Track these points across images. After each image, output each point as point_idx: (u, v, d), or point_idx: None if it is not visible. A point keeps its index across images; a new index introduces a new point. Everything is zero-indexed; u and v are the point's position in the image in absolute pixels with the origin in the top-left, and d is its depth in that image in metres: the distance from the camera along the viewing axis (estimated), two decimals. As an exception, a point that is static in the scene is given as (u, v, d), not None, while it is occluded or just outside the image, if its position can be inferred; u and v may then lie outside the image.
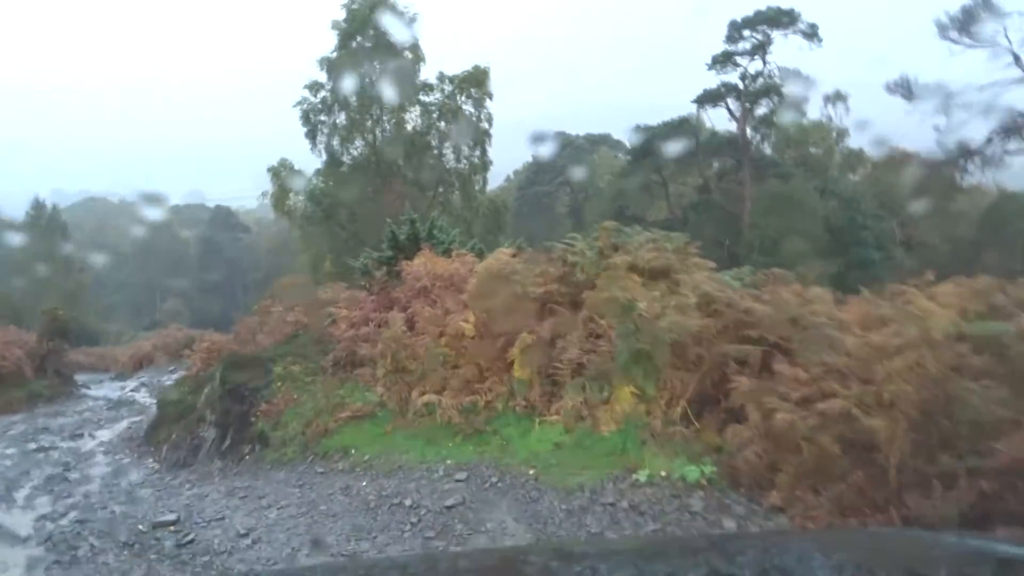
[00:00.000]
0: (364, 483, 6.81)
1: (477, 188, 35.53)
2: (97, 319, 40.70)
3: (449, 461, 6.72)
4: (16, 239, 37.98)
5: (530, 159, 49.19)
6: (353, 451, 7.46)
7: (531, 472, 6.22)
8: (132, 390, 18.83)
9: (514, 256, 8.40)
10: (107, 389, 19.28)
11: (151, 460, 9.67)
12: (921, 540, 1.90)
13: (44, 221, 40.72)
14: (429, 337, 7.72)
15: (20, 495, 8.25)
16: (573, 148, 48.52)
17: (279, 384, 9.00)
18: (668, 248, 7.89)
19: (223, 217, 72.26)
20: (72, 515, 7.38)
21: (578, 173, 47.07)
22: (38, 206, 40.76)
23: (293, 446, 8.01)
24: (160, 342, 27.14)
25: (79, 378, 20.56)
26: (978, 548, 1.58)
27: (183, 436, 9.64)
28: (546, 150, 46.06)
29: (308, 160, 31.73)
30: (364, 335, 8.88)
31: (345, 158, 32.54)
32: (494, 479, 6.28)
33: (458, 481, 6.37)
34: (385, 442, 7.52)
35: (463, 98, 35.15)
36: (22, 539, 6.85)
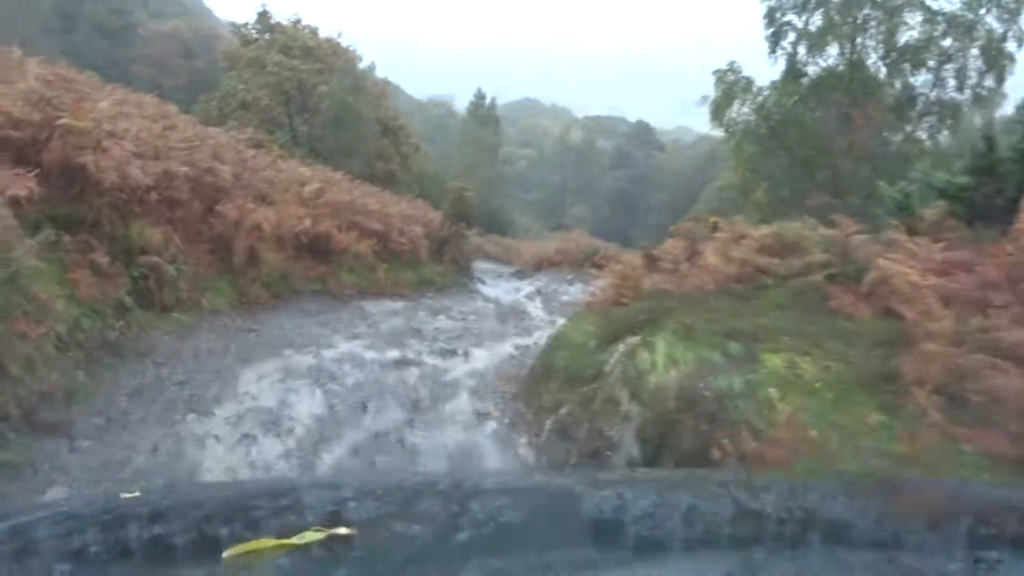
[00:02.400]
0: None
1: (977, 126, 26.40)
2: (511, 211, 41.88)
3: None
4: (457, 126, 42.20)
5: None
6: None
7: None
8: (527, 296, 16.46)
9: None
10: (501, 289, 17.23)
11: (524, 440, 6.04)
12: (946, 488, 1.78)
13: (482, 112, 44.06)
14: None
15: (328, 459, 5.12)
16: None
17: (773, 392, 4.42)
18: None
19: (642, 132, 70.61)
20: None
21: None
22: (480, 97, 44.12)
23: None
24: (563, 247, 25.47)
25: (479, 266, 19.14)
26: (1004, 497, 1.51)
27: (576, 418, 5.79)
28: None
29: (762, 71, 26.20)
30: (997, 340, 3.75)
31: (810, 69, 26.21)
32: None
33: None
34: None
35: (987, 6, 25.90)
36: None
